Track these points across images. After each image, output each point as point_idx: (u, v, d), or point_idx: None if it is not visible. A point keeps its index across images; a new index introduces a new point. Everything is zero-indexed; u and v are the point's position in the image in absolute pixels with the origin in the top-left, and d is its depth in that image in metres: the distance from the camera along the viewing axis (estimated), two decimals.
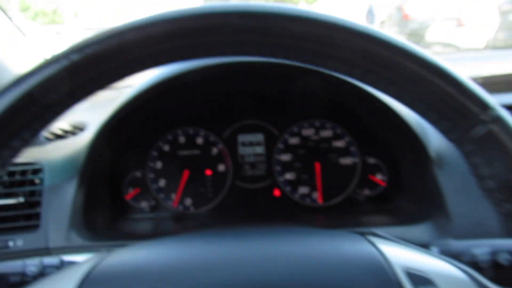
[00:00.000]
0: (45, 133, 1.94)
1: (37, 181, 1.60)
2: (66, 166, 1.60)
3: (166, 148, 1.86)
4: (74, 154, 1.60)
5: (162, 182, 1.84)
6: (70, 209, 1.50)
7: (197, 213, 1.82)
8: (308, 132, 1.84)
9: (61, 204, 1.52)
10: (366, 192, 1.82)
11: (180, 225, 1.71)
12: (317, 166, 1.78)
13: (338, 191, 1.81)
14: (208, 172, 1.84)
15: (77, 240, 1.47)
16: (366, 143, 1.83)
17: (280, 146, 1.84)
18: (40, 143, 1.86)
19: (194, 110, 1.86)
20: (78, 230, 1.49)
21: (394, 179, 1.77)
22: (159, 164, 1.85)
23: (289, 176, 1.83)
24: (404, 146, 1.58)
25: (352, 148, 1.83)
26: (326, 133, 1.84)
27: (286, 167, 1.82)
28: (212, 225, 1.70)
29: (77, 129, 2.03)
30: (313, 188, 1.82)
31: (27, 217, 1.56)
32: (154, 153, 1.85)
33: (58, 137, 1.97)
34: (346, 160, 1.82)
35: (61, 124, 2.06)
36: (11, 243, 1.45)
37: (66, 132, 2.02)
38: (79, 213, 1.53)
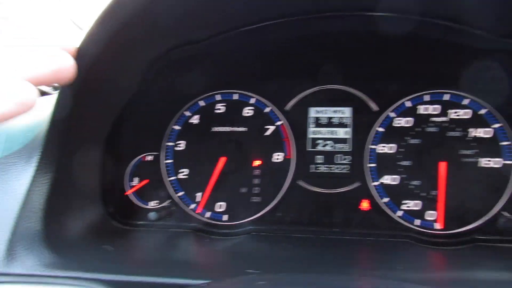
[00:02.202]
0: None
1: None
2: (27, 131, 0.97)
3: (195, 120, 1.19)
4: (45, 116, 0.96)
5: (183, 173, 1.18)
6: (21, 206, 0.87)
7: (232, 226, 1.14)
8: (429, 109, 1.11)
9: (6, 195, 0.89)
10: None
11: (203, 246, 1.04)
12: (442, 168, 1.05)
13: (474, 212, 1.07)
14: (257, 162, 1.15)
15: (27, 263, 0.83)
16: None
17: (380, 129, 1.11)
18: None
19: (244, 64, 1.17)
20: (30, 246, 0.85)
21: None
22: (182, 144, 1.19)
23: (390, 180, 1.11)
24: None
25: (505, 142, 1.08)
26: (461, 114, 1.09)
27: (387, 164, 1.10)
28: (254, 255, 1.01)
29: None
30: (430, 204, 1.09)
31: None
32: (175, 127, 1.18)
33: (42, 94, 1.35)
34: (491, 161, 1.08)
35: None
36: None
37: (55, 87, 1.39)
38: (38, 214, 0.89)
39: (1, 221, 0.86)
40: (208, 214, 1.17)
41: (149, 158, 1.20)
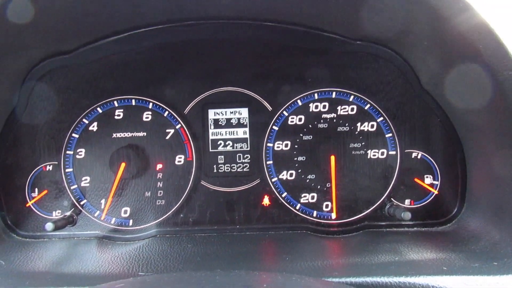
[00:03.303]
0: None
1: None
2: None
3: (94, 127, 1.18)
4: None
5: (85, 180, 1.17)
6: None
7: (137, 230, 1.16)
8: (319, 107, 1.17)
9: None
10: (407, 203, 1.16)
11: (105, 252, 1.04)
12: (332, 161, 1.11)
13: (364, 200, 1.15)
14: (159, 165, 1.16)
15: None
16: (410, 127, 1.16)
17: (275, 127, 1.16)
18: None
19: (141, 69, 1.17)
20: None
21: (453, 183, 1.12)
22: (81, 152, 1.17)
23: (287, 175, 1.16)
24: (493, 128, 0.91)
25: (388, 134, 1.16)
26: (348, 110, 1.16)
27: (284, 161, 1.15)
28: (155, 257, 1.02)
29: None
30: (325, 195, 1.16)
31: None
32: (74, 135, 1.17)
33: None
34: (377, 153, 1.16)
35: None
36: None
37: None
38: None
39: None
40: (113, 220, 1.17)
41: (49, 168, 1.17)
